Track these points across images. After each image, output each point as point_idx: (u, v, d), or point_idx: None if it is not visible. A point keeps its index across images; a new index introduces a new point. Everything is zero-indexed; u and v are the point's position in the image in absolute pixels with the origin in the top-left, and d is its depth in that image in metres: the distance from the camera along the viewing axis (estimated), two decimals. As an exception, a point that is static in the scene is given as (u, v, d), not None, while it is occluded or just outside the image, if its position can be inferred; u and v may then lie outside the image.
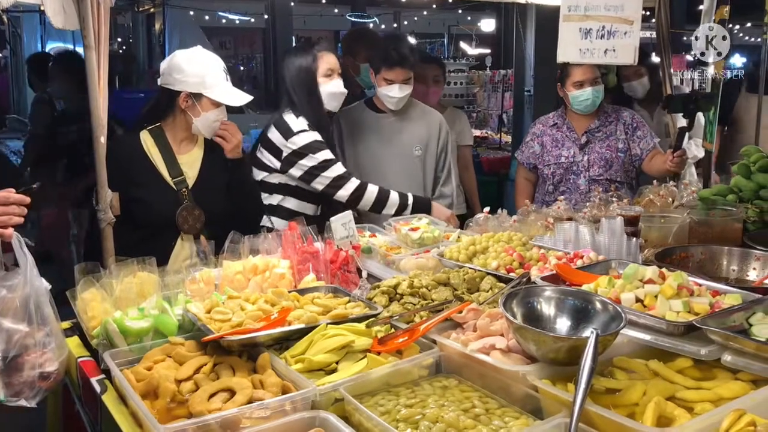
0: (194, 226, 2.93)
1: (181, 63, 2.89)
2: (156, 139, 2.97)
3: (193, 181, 2.99)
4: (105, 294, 2.12)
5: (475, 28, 14.22)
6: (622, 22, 3.02)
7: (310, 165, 3.25)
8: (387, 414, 1.59)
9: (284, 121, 3.30)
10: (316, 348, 1.81)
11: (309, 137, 3.25)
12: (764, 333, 1.71)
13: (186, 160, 3.01)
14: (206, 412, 1.58)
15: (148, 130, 2.98)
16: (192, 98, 2.89)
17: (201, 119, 2.91)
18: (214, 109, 2.91)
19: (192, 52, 2.95)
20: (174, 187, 2.94)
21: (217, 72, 2.91)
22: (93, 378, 1.87)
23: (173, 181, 2.94)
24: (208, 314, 1.98)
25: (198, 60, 2.91)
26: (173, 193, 2.93)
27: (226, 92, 2.93)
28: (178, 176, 2.95)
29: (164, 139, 2.98)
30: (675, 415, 1.48)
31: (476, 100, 10.06)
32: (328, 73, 3.31)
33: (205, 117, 2.91)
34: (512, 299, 1.81)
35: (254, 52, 19.32)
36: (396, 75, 3.56)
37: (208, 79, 2.88)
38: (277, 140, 3.29)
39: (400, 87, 3.58)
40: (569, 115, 3.95)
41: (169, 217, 2.89)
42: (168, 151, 2.97)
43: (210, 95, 2.88)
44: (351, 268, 2.52)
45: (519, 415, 1.59)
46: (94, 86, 2.66)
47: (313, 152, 3.24)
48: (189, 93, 2.89)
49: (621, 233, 2.72)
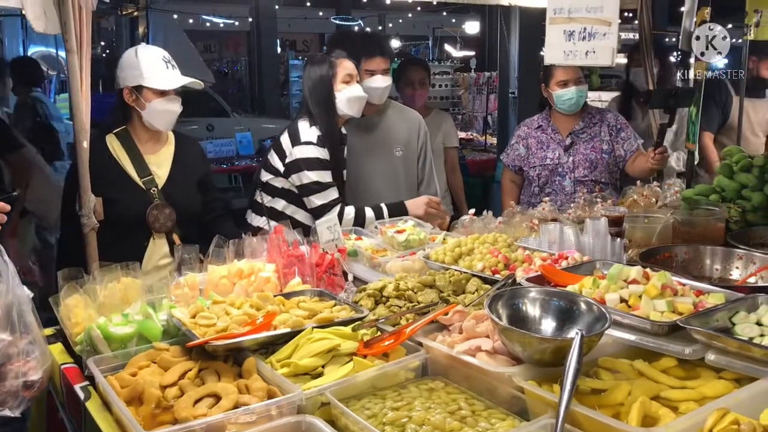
0: (165, 225, 2.95)
1: (124, 59, 2.95)
2: (122, 142, 2.98)
3: (164, 180, 3.01)
4: (89, 300, 2.10)
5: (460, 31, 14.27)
6: (601, 23, 3.04)
7: (304, 182, 3.27)
8: (373, 417, 1.59)
9: (296, 127, 3.32)
10: (302, 352, 1.80)
11: (311, 152, 3.26)
12: (747, 332, 1.73)
13: (155, 159, 3.03)
14: (191, 418, 1.57)
15: (114, 133, 3.00)
16: (134, 92, 2.92)
17: (147, 111, 2.92)
18: (158, 98, 2.91)
19: (133, 48, 2.99)
20: (143, 186, 2.95)
21: (154, 61, 2.92)
22: (77, 385, 1.85)
23: (142, 181, 2.96)
24: (193, 319, 1.97)
25: (137, 52, 2.94)
26: (143, 193, 2.95)
27: (163, 78, 2.91)
28: (147, 176, 2.97)
29: (130, 140, 3.00)
30: (660, 415, 1.48)
31: (461, 103, 10.11)
32: (347, 79, 3.32)
33: (151, 108, 2.92)
34: (498, 301, 1.81)
35: (239, 55, 19.28)
36: (377, 64, 3.57)
37: (144, 69, 2.89)
38: (285, 145, 3.32)
39: (381, 78, 3.59)
40: (554, 117, 3.97)
41: (140, 217, 2.91)
42: (135, 153, 2.99)
43: (147, 84, 2.89)
44: (337, 271, 2.51)
45: (505, 416, 1.59)
46: (77, 90, 2.65)
47: (309, 169, 3.25)
48: (130, 87, 2.92)
49: (605, 234, 2.73)
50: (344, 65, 3.32)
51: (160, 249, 2.97)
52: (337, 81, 3.30)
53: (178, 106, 2.98)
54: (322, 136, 3.28)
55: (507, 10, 7.45)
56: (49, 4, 2.57)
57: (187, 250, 2.49)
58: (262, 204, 3.39)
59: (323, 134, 3.28)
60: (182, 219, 3.00)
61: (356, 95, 3.33)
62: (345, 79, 3.31)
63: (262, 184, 3.40)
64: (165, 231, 2.96)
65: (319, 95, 3.31)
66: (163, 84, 2.90)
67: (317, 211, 3.26)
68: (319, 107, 3.30)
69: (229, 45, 19.80)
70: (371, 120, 3.74)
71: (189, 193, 3.10)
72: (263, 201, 3.38)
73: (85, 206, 2.73)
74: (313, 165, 3.25)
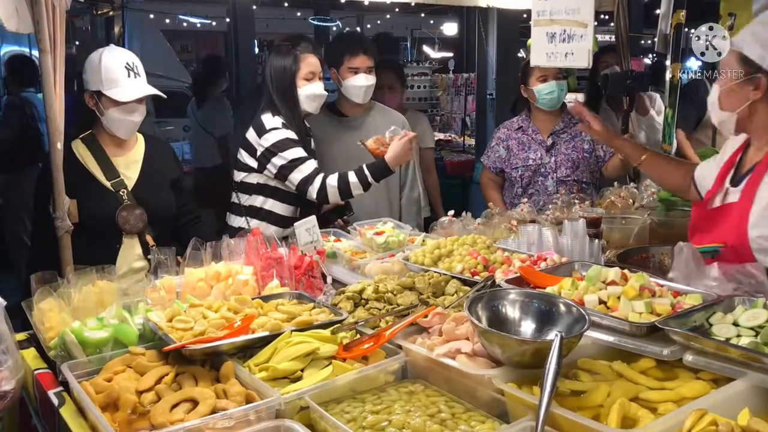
0: (136, 226, 2.91)
1: (87, 62, 2.89)
2: (88, 146, 2.94)
3: (134, 181, 2.97)
4: (63, 304, 2.07)
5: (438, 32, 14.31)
6: (578, 25, 3.05)
7: (280, 164, 3.22)
8: (353, 421, 1.58)
9: (260, 120, 3.28)
10: (281, 356, 1.79)
11: (280, 135, 3.23)
12: (724, 332, 1.74)
13: (124, 161, 2.99)
14: (168, 424, 1.55)
15: (80, 138, 2.95)
16: (95, 97, 2.88)
17: (106, 118, 2.88)
18: (116, 107, 2.86)
19: (100, 50, 2.92)
20: (112, 189, 2.92)
21: (116, 68, 2.85)
22: (50, 391, 1.81)
23: (111, 183, 2.92)
24: (170, 323, 1.95)
25: (98, 55, 2.87)
26: (112, 195, 2.91)
27: (121, 88, 2.85)
28: (115, 178, 2.93)
29: (97, 144, 2.95)
30: (639, 416, 1.49)
31: (439, 104, 10.12)
32: (309, 76, 3.30)
33: (109, 115, 2.87)
34: (477, 303, 1.81)
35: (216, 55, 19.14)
36: (361, 62, 3.56)
37: (104, 75, 2.83)
38: (252, 139, 3.28)
39: (365, 76, 3.58)
40: (534, 118, 3.97)
41: (110, 220, 2.87)
42: (102, 156, 2.94)
43: (105, 92, 2.84)
44: (316, 273, 2.50)
45: (485, 419, 1.59)
46: (50, 91, 2.60)
47: (282, 150, 3.21)
48: (91, 92, 2.87)
49: (583, 235, 2.74)
50: (308, 61, 3.30)
51: (132, 251, 2.93)
52: (299, 76, 3.28)
53: (138, 115, 2.92)
54: (285, 124, 3.26)
55: (485, 11, 7.47)
56: (21, 2, 2.52)
57: (163, 252, 2.46)
58: (239, 204, 3.36)
59: (287, 122, 3.27)
60: (155, 220, 2.97)
61: (316, 93, 3.32)
62: (307, 75, 3.29)
63: (236, 185, 3.38)
64: (136, 232, 2.92)
65: (281, 87, 3.29)
66: (119, 95, 2.84)
67: (301, 186, 3.21)
68: (281, 99, 3.29)
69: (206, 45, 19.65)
70: (355, 121, 3.74)
71: (161, 194, 3.06)
72: (240, 201, 3.36)
73: (59, 208, 2.68)
74: (284, 146, 3.22)
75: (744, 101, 2.30)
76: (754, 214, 2.28)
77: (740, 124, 2.38)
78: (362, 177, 3.19)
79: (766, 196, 2.27)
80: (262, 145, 3.24)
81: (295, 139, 3.25)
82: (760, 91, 2.26)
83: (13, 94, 6.25)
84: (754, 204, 2.29)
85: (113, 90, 2.83)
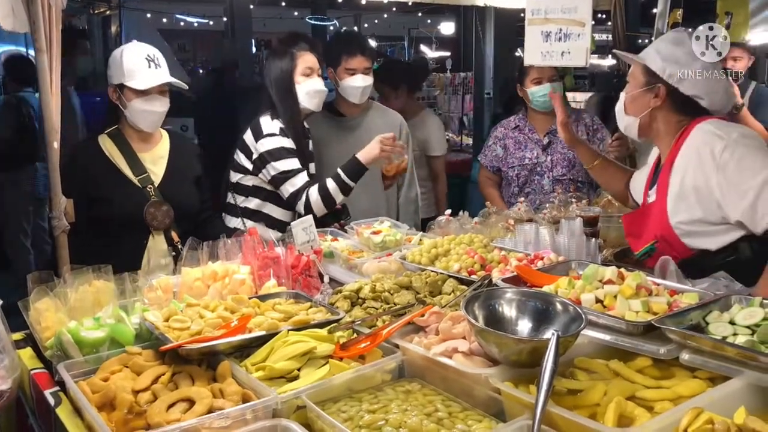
0: (163, 222, 2.92)
1: (110, 58, 2.93)
2: (115, 141, 2.96)
3: (160, 177, 2.98)
4: (59, 303, 2.06)
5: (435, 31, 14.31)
6: (575, 24, 3.06)
7: (273, 174, 3.23)
8: (350, 420, 1.58)
9: (258, 123, 3.28)
10: (278, 355, 1.78)
11: (275, 143, 3.22)
12: (720, 331, 1.74)
13: (150, 157, 3.00)
14: (165, 423, 1.54)
15: (107, 133, 2.97)
16: (117, 90, 2.90)
17: (129, 111, 2.90)
18: (138, 97, 2.88)
19: (123, 46, 2.96)
20: (139, 184, 2.92)
21: (136, 59, 2.88)
22: (47, 390, 1.81)
23: (138, 179, 2.93)
24: (166, 323, 1.94)
25: (120, 50, 2.92)
26: (139, 191, 2.92)
27: (142, 77, 2.88)
28: (142, 174, 2.94)
29: (123, 139, 2.97)
30: (635, 415, 1.49)
31: (437, 103, 10.12)
32: (307, 72, 3.28)
33: (132, 107, 2.89)
34: (474, 302, 1.81)
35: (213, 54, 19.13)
36: (358, 63, 3.55)
37: (126, 67, 2.86)
38: (249, 141, 3.28)
39: (362, 77, 3.57)
40: (530, 117, 3.98)
41: (137, 216, 2.88)
42: (128, 151, 2.96)
43: (127, 83, 2.86)
44: (313, 272, 2.49)
45: (482, 418, 1.59)
46: (46, 90, 2.60)
47: (276, 160, 3.21)
48: (114, 86, 2.90)
49: (580, 234, 2.75)
50: (305, 58, 3.29)
51: (159, 247, 2.93)
52: (296, 74, 3.27)
53: (161, 105, 2.94)
54: (285, 128, 3.25)
55: (482, 10, 7.49)
56: (17, 2, 2.52)
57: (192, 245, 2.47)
58: (235, 205, 3.36)
59: (285, 126, 3.26)
60: (180, 216, 2.98)
61: (316, 89, 3.30)
62: (305, 72, 3.28)
63: (233, 185, 3.37)
64: (163, 228, 2.93)
65: (281, 87, 3.28)
66: (141, 83, 2.86)
67: (290, 199, 3.22)
68: (281, 100, 3.28)
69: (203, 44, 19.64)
70: (353, 121, 3.73)
71: (186, 190, 3.08)
72: (236, 202, 3.35)
73: (55, 208, 2.68)
74: (278, 155, 3.21)
75: (646, 108, 2.56)
76: (670, 203, 2.48)
77: (642, 129, 2.61)
78: (339, 181, 3.19)
79: (676, 183, 2.47)
80: (257, 150, 3.24)
81: (290, 149, 3.24)
82: (659, 99, 2.52)
83: (10, 94, 6.24)
84: (667, 195, 2.49)
85: (134, 80, 2.86)
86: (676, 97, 2.49)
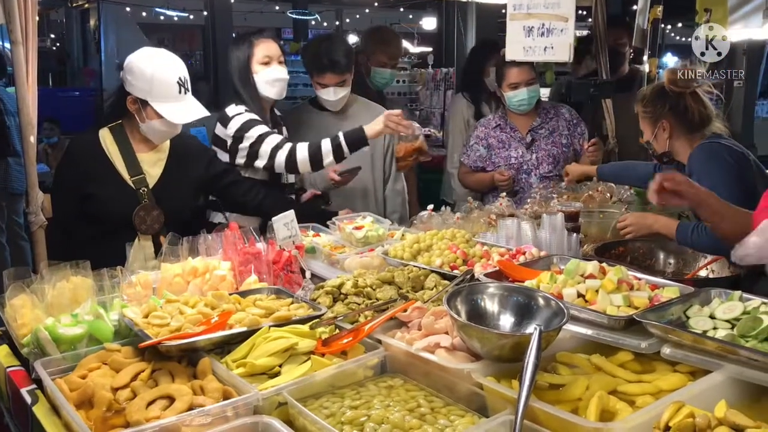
0: (152, 227, 2.82)
1: (136, 64, 2.75)
2: (116, 137, 2.84)
3: (155, 180, 2.87)
4: (36, 300, 2.03)
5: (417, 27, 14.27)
6: (558, 19, 3.06)
7: (248, 144, 3.16)
8: (332, 416, 1.57)
9: (224, 112, 3.26)
10: (259, 351, 1.77)
11: (243, 118, 3.18)
12: (701, 325, 1.76)
13: (148, 158, 2.89)
14: (144, 421, 1.52)
15: (109, 127, 2.85)
16: (138, 102, 2.76)
17: (147, 126, 2.79)
18: (160, 119, 2.75)
19: (151, 55, 2.79)
20: (133, 186, 2.82)
21: (169, 83, 2.74)
22: (23, 388, 1.78)
23: (132, 180, 2.82)
24: (146, 319, 1.92)
25: (153, 66, 2.74)
26: (132, 192, 2.81)
27: (172, 108, 2.75)
28: (138, 175, 2.83)
29: (124, 136, 2.85)
30: (617, 409, 1.50)
31: (418, 99, 10.10)
32: (265, 60, 3.23)
33: (150, 125, 2.78)
34: (456, 297, 1.80)
35: (194, 49, 18.98)
36: (328, 80, 3.53)
37: (156, 88, 2.72)
38: (220, 132, 3.25)
39: (334, 90, 3.55)
40: (510, 116, 3.96)
41: (126, 217, 2.79)
42: (128, 149, 2.84)
43: (155, 106, 2.73)
44: (294, 268, 2.48)
45: (464, 413, 1.59)
46: (22, 84, 2.56)
47: (247, 131, 3.16)
48: (136, 97, 2.76)
49: (562, 229, 2.76)
50: (262, 46, 3.24)
51: (145, 251, 2.82)
52: (254, 62, 3.23)
53: (179, 127, 2.84)
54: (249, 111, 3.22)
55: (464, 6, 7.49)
56: (-8, -7, 2.48)
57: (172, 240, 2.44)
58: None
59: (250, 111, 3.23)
60: (170, 221, 2.86)
61: (274, 77, 3.24)
62: (263, 60, 3.23)
63: None
64: (151, 233, 2.83)
65: (239, 77, 3.25)
66: (171, 116, 2.73)
67: (272, 154, 3.13)
68: (241, 86, 3.25)
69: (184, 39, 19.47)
70: (336, 115, 3.72)
71: (181, 195, 2.95)
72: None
73: (32, 203, 2.65)
74: (249, 126, 3.16)
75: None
76: None
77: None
78: (336, 143, 3.11)
79: None
80: (229, 135, 3.20)
81: (259, 120, 3.20)
82: None
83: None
84: None
85: (163, 106, 2.72)
86: None
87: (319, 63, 3.51)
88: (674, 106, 2.85)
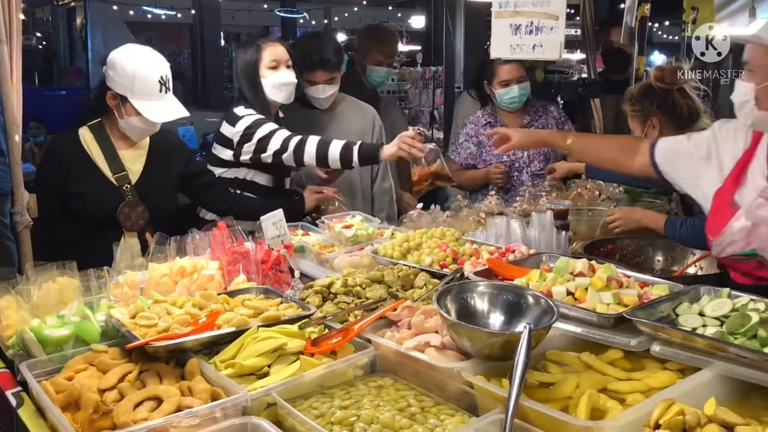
0: (137, 223, 2.83)
1: (118, 60, 2.76)
2: (96, 135, 2.85)
3: (137, 176, 2.88)
4: (21, 301, 2.01)
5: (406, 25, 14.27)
6: (548, 17, 3.05)
7: (257, 140, 3.14)
8: (321, 417, 1.56)
9: (232, 111, 3.25)
10: (247, 352, 1.76)
11: (253, 117, 3.18)
12: (690, 323, 1.76)
13: (129, 155, 2.89)
14: (132, 423, 1.51)
15: (88, 126, 2.86)
16: (118, 98, 2.77)
17: (125, 122, 2.80)
18: (138, 116, 2.76)
19: (134, 51, 2.80)
20: (115, 183, 2.83)
21: (150, 81, 2.75)
22: (8, 391, 1.76)
23: (115, 177, 2.83)
24: (133, 320, 1.90)
25: (134, 62, 2.75)
26: (115, 189, 2.82)
27: (152, 106, 2.75)
28: (120, 172, 2.83)
29: (104, 134, 2.86)
30: (607, 407, 1.50)
31: (407, 97, 10.10)
32: (273, 64, 3.23)
33: (128, 122, 2.79)
34: (446, 295, 1.80)
35: (181, 48, 18.92)
36: (317, 77, 3.53)
37: (137, 85, 2.72)
38: (227, 131, 3.23)
39: (323, 87, 3.55)
40: (500, 114, 3.96)
41: (110, 214, 2.78)
42: (108, 147, 2.85)
43: (134, 103, 2.73)
44: (283, 267, 2.47)
45: (454, 412, 1.58)
46: (7, 82, 2.54)
47: (258, 128, 3.15)
48: (116, 93, 2.76)
49: (551, 227, 2.76)
50: (270, 50, 3.24)
51: (132, 248, 2.83)
52: (262, 66, 3.23)
53: (158, 125, 2.84)
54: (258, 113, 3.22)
55: (452, 4, 7.49)
56: (-25, -10, 2.45)
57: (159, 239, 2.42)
58: None
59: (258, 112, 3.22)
60: (155, 217, 2.87)
61: (282, 81, 3.24)
62: (270, 64, 3.23)
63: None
64: (137, 230, 2.84)
65: (247, 79, 3.24)
66: (150, 114, 2.74)
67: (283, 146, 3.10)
68: (249, 90, 3.24)
69: (171, 37, 19.40)
70: (326, 114, 3.71)
71: (164, 191, 2.97)
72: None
73: (18, 203, 2.62)
74: (258, 124, 3.15)
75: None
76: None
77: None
78: (347, 150, 3.05)
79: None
80: (237, 132, 3.18)
81: (268, 119, 3.21)
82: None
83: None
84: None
85: (143, 104, 2.73)
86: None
87: (309, 60, 3.50)
88: (662, 103, 2.86)
